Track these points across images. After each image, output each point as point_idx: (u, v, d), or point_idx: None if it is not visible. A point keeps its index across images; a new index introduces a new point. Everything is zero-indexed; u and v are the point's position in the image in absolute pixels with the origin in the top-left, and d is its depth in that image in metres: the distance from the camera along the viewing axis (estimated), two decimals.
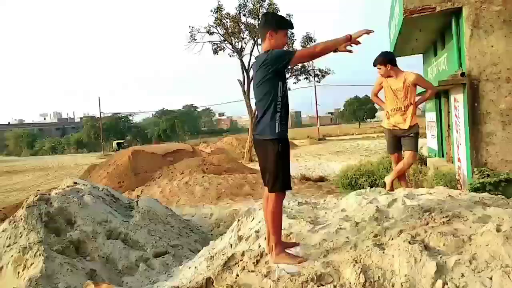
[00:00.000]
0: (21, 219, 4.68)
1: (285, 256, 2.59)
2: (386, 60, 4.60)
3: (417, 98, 4.78)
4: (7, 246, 4.43)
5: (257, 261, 2.69)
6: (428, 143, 10.48)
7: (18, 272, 4.02)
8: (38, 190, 14.55)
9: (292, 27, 2.77)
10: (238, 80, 21.68)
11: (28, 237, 4.38)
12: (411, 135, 4.58)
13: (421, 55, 10.28)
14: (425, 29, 7.22)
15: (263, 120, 2.64)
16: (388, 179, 4.73)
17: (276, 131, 2.58)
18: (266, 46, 2.68)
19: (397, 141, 4.74)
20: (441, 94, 8.15)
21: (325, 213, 3.58)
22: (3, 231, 4.67)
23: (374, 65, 4.65)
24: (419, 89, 4.88)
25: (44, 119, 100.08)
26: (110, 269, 4.42)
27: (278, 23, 2.67)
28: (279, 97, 2.60)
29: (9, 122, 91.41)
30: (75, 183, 6.29)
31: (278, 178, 2.59)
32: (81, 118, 71.07)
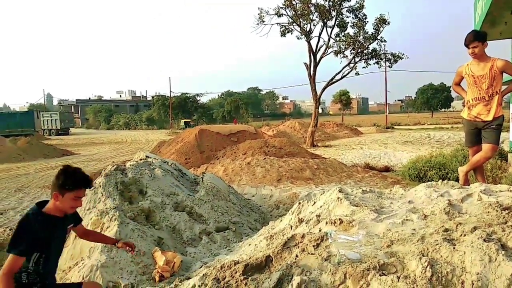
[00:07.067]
0: (100, 186, 5.13)
1: None
2: (484, 35, 4.14)
3: (503, 87, 4.36)
4: (87, 210, 4.89)
5: (318, 245, 2.68)
6: (511, 137, 9.58)
7: None
8: (113, 161, 15.72)
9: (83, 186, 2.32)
10: (305, 63, 21.32)
11: (105, 202, 4.78)
12: (493, 126, 4.19)
13: (510, 39, 9.31)
14: None
15: None
16: (462, 170, 4.42)
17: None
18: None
19: (477, 134, 4.38)
20: None
21: (391, 203, 3.46)
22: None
23: (468, 43, 4.10)
24: (505, 78, 4.44)
25: (120, 96, 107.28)
26: (175, 238, 4.69)
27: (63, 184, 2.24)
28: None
29: (89, 98, 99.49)
30: (147, 156, 6.72)
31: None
32: (152, 97, 74.90)
